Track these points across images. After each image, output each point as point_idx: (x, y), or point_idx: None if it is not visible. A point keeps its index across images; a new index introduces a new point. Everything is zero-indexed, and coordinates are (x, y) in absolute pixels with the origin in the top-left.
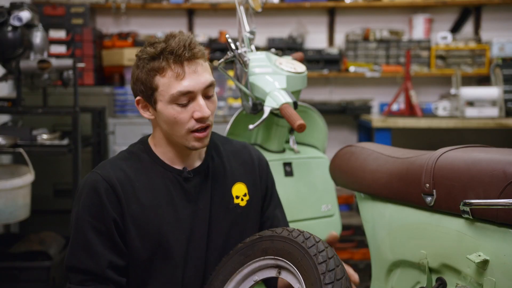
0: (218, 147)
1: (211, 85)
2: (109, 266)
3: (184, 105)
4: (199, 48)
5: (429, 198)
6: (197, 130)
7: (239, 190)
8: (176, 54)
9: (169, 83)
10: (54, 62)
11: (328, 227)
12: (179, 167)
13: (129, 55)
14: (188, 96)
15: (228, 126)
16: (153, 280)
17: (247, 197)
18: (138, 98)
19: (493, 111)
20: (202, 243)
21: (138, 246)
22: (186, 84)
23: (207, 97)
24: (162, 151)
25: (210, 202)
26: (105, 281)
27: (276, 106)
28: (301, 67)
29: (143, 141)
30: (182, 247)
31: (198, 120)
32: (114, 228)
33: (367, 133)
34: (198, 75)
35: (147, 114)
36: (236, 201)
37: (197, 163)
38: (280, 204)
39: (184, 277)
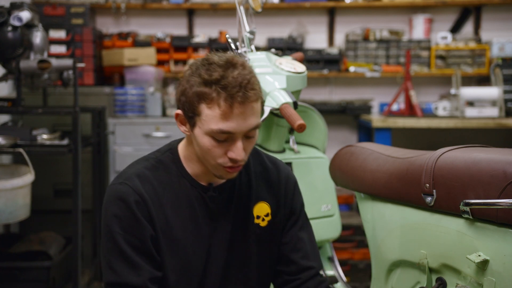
0: (248, 163)
1: (255, 128)
2: (151, 278)
3: (221, 141)
4: (255, 90)
5: (429, 198)
6: (228, 166)
7: (261, 210)
8: (229, 92)
9: (212, 117)
10: (54, 62)
11: (328, 227)
12: (204, 182)
13: (129, 55)
14: (227, 136)
15: None
16: None
17: (269, 217)
18: (178, 112)
19: (493, 111)
20: (220, 261)
21: (166, 261)
22: (229, 125)
23: (247, 137)
24: (191, 166)
25: (232, 221)
26: None
27: (276, 106)
28: (301, 67)
29: (173, 150)
30: (200, 264)
31: (231, 159)
32: (150, 241)
33: (367, 133)
34: (245, 118)
35: (183, 129)
36: (256, 221)
37: (223, 179)
38: (307, 226)
39: None
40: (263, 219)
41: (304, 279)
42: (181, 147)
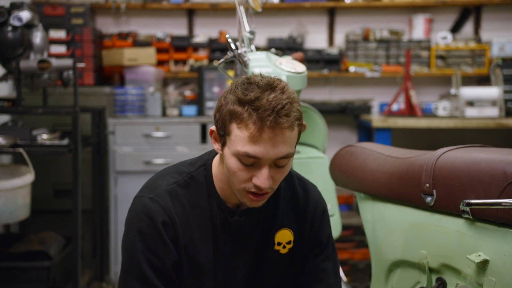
0: (279, 187)
1: (285, 157)
2: None
3: (247, 166)
4: (289, 118)
5: (429, 198)
6: (252, 193)
7: (284, 237)
8: (261, 115)
9: (240, 138)
10: (54, 62)
11: None
12: (232, 204)
13: (129, 55)
14: (254, 160)
15: None
16: None
17: (290, 245)
18: (212, 128)
19: (493, 111)
20: (240, 285)
21: (186, 283)
22: (256, 150)
23: (277, 166)
24: (221, 186)
25: (254, 247)
26: None
27: None
28: (301, 67)
29: (207, 166)
30: (219, 286)
31: (255, 186)
32: (172, 266)
33: (367, 133)
34: (274, 145)
35: (216, 146)
36: (276, 247)
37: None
38: (333, 257)
39: None
40: (284, 246)
41: None
42: (214, 164)
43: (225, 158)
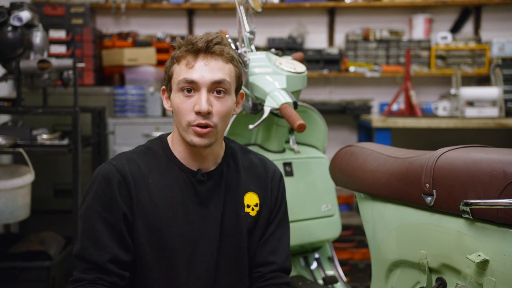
0: (236, 156)
1: (219, 83)
2: (112, 259)
3: (188, 96)
4: (222, 47)
5: (429, 198)
6: (197, 125)
7: (251, 200)
8: (195, 45)
9: (179, 70)
10: (54, 62)
11: (328, 227)
12: (194, 168)
13: (129, 55)
14: (193, 86)
15: (228, 126)
16: (155, 278)
17: (257, 208)
18: (163, 87)
19: (493, 111)
20: (213, 247)
21: (144, 243)
22: (193, 73)
23: (217, 96)
24: (178, 150)
25: (222, 208)
26: (107, 273)
27: (276, 106)
28: (301, 67)
29: (162, 138)
30: (188, 248)
31: (197, 113)
32: (123, 222)
33: (367, 133)
34: (209, 69)
35: (167, 105)
36: (247, 209)
37: (212, 167)
38: (285, 224)
39: (189, 279)
40: (253, 209)
41: (264, 272)
42: (170, 136)
43: (172, 103)
